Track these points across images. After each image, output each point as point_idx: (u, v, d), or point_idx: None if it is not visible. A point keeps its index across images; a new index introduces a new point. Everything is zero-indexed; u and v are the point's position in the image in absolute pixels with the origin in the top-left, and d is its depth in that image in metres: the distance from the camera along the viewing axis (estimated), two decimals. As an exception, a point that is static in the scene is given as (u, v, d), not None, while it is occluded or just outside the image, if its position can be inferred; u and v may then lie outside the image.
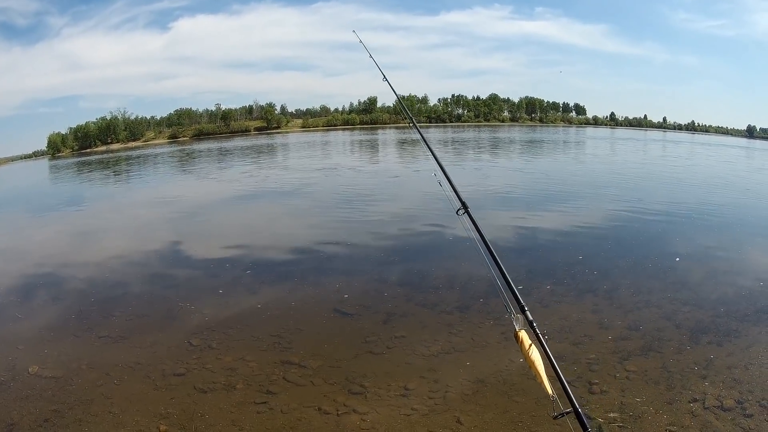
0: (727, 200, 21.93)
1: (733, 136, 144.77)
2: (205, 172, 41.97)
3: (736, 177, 32.19)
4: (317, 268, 12.44)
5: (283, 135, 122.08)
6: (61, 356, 8.22)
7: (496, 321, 8.89)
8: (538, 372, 3.19)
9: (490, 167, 35.35)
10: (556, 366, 3.24)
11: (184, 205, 23.46)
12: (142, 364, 7.86)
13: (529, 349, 3.24)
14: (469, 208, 4.08)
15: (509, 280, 3.61)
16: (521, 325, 3.34)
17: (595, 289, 10.43)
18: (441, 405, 6.57)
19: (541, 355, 3.26)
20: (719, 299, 9.78)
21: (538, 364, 3.21)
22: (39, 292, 11.57)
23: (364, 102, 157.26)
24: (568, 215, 17.55)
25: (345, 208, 19.90)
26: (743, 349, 7.81)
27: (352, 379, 7.22)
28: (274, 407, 6.60)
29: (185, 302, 10.41)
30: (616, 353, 7.72)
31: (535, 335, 3.34)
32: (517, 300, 3.51)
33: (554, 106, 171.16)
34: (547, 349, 3.27)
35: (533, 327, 3.39)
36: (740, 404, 6.34)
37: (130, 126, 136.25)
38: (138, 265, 13.45)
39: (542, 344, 3.30)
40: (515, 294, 3.54)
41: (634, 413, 6.20)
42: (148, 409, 6.64)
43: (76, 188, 38.85)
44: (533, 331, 3.37)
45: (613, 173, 32.53)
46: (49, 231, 19.68)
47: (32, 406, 6.80)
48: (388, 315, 9.41)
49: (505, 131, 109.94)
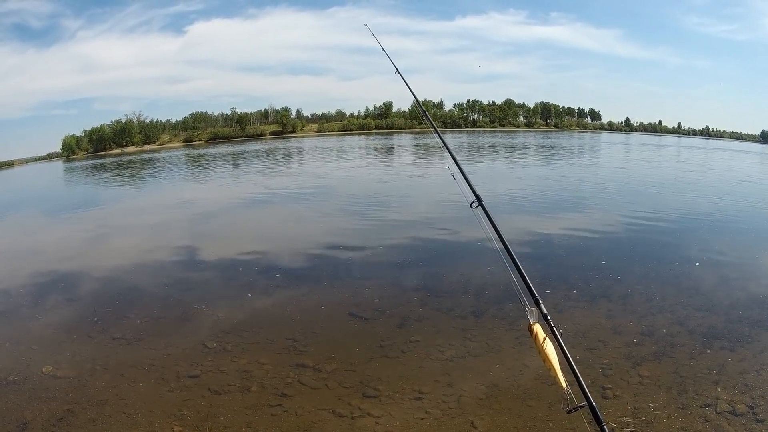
0: (741, 206, 21.77)
1: (748, 141, 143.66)
2: (220, 175, 42.27)
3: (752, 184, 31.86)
4: (332, 272, 12.44)
5: (299, 139, 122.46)
6: (75, 357, 8.25)
7: (510, 326, 8.86)
8: (552, 365, 3.16)
9: (504, 171, 35.22)
10: (570, 360, 3.20)
11: (200, 208, 23.62)
12: (156, 365, 7.87)
13: (543, 342, 3.21)
14: (482, 200, 4.04)
15: (523, 272, 3.57)
16: (536, 319, 3.31)
17: (609, 294, 10.37)
18: (455, 409, 6.54)
19: (555, 348, 3.22)
20: (732, 304, 9.71)
21: (553, 357, 3.17)
22: (54, 293, 11.64)
23: (380, 107, 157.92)
24: (581, 220, 17.44)
25: (359, 212, 19.93)
26: (756, 354, 7.77)
27: (366, 382, 7.19)
28: (288, 410, 6.58)
29: (200, 304, 10.42)
30: (630, 358, 7.69)
31: (550, 328, 3.30)
32: (531, 293, 3.48)
33: (569, 111, 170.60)
34: (561, 342, 3.23)
35: (547, 320, 3.36)
36: (752, 409, 6.31)
37: (145, 129, 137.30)
38: (153, 267, 13.51)
39: (557, 338, 3.26)
40: (529, 286, 3.50)
41: (647, 418, 6.19)
42: (162, 410, 6.65)
43: (92, 190, 39.23)
44: (548, 324, 3.33)
45: (627, 179, 32.35)
46: (64, 232, 19.87)
47: (45, 406, 6.82)
48: (403, 319, 9.37)
49: (521, 137, 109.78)
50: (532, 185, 27.92)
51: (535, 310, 3.35)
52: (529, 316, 3.31)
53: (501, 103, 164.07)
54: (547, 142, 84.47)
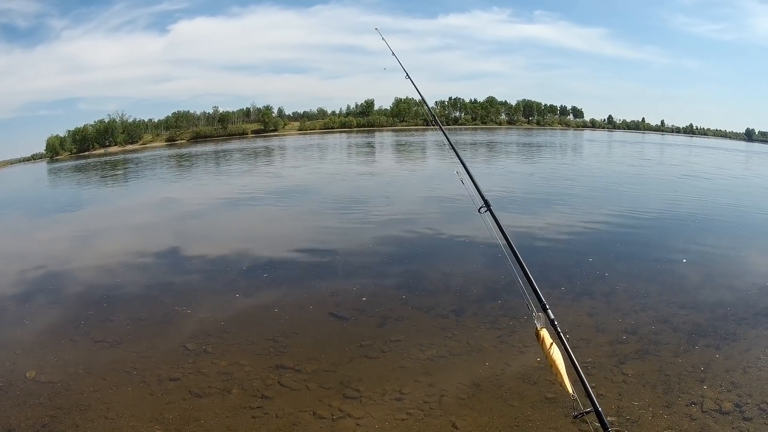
0: (725, 202, 22.09)
1: (732, 139, 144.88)
2: (201, 175, 42.00)
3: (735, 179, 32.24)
4: (313, 272, 12.45)
5: (280, 138, 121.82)
6: (59, 361, 8.22)
7: (492, 324, 8.92)
8: (559, 371, 3.19)
9: (486, 170, 35.30)
10: (577, 365, 3.23)
11: (182, 209, 23.47)
12: (138, 368, 7.86)
13: (551, 348, 3.23)
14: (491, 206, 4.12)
15: (530, 277, 3.60)
16: (542, 324, 3.34)
17: (592, 291, 10.45)
18: (436, 409, 6.57)
19: (561, 354, 3.24)
20: (717, 302, 9.77)
21: (559, 363, 3.20)
22: (37, 296, 11.55)
23: (361, 105, 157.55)
24: (563, 219, 17.58)
25: (341, 211, 19.90)
26: (741, 352, 7.80)
27: (347, 383, 7.22)
28: (269, 412, 6.61)
29: (181, 306, 10.41)
30: (613, 356, 7.71)
31: (557, 334, 3.32)
32: (538, 298, 3.49)
33: (552, 109, 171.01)
34: (568, 348, 3.25)
35: (554, 326, 3.38)
36: (739, 408, 6.32)
37: (128, 129, 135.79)
38: (134, 269, 13.43)
39: (564, 343, 3.28)
40: (537, 292, 3.52)
41: (632, 417, 6.19)
42: (143, 413, 6.65)
43: (73, 192, 38.82)
44: (554, 329, 3.36)
45: (610, 176, 32.64)
46: (46, 234, 19.62)
47: (30, 412, 6.80)
48: (384, 319, 9.40)
49: (502, 134, 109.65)
50: (514, 182, 27.98)
51: (542, 315, 3.39)
52: (536, 321, 3.35)
53: (483, 101, 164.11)
54: (528, 140, 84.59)
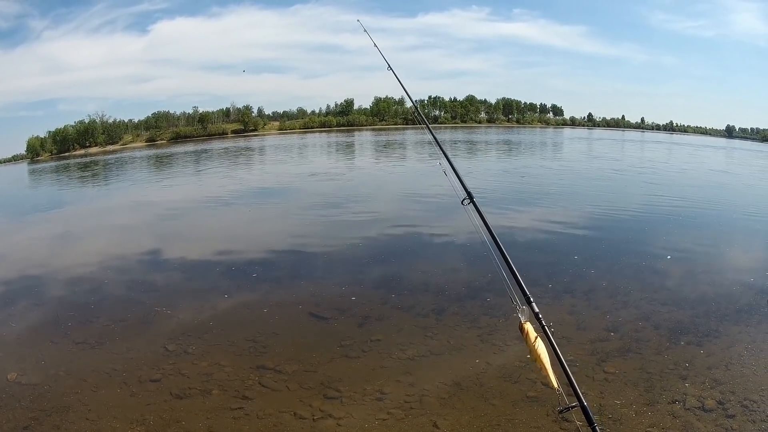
0: (706, 198, 22.41)
1: (712, 136, 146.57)
2: (182, 175, 41.73)
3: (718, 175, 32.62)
4: (293, 272, 12.46)
5: (261, 138, 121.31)
6: (40, 363, 8.17)
7: (472, 324, 8.96)
8: (544, 365, 3.17)
9: (467, 168, 35.43)
10: (562, 359, 3.21)
11: (161, 209, 23.30)
12: (118, 370, 7.83)
13: (535, 341, 3.20)
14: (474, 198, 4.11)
15: (514, 270, 3.57)
16: (527, 317, 3.30)
17: (573, 290, 10.51)
18: (417, 409, 6.59)
19: (546, 347, 3.22)
20: (698, 299, 9.87)
21: (544, 357, 3.18)
22: (18, 298, 11.43)
23: (341, 104, 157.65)
24: (541, 215, 17.65)
25: (321, 211, 19.88)
26: (724, 349, 7.85)
27: (327, 383, 7.23)
28: (249, 412, 6.61)
29: (161, 307, 10.37)
30: (595, 354, 7.74)
31: (541, 327, 3.29)
32: (522, 291, 3.46)
33: (531, 107, 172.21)
34: (553, 341, 3.23)
35: (539, 319, 3.34)
36: (722, 405, 6.35)
37: (108, 129, 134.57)
38: (114, 270, 13.33)
39: (549, 337, 3.25)
40: (521, 284, 3.49)
41: (614, 415, 6.20)
42: (124, 415, 6.63)
43: (53, 192, 38.43)
44: (539, 323, 3.32)
45: (591, 174, 32.93)
46: (26, 236, 19.39)
47: (11, 414, 6.76)
48: (364, 318, 9.43)
49: (482, 133, 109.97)
50: (494, 180, 27.98)
51: (526, 309, 3.35)
52: (520, 315, 3.31)
53: (462, 100, 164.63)
54: (508, 138, 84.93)
